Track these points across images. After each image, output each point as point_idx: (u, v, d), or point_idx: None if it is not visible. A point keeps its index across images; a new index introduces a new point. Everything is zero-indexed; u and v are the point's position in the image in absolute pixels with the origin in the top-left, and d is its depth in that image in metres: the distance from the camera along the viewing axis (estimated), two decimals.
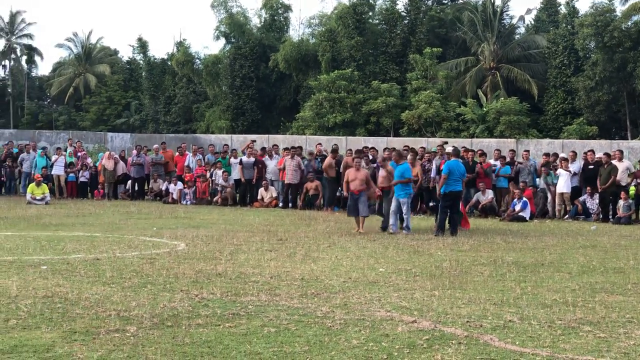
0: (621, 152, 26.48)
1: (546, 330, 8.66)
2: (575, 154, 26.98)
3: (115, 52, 78.83)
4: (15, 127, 63.63)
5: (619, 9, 52.63)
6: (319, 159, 28.48)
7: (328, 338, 8.13)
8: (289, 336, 8.20)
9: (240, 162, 28.81)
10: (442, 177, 19.17)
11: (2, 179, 31.91)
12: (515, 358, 7.51)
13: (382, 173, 20.27)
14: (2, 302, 9.68)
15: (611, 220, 23.88)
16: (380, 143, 40.28)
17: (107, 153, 32.16)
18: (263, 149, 31.43)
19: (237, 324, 8.74)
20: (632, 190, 24.42)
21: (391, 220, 19.18)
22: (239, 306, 9.73)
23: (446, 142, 26.02)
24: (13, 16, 77.56)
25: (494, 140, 43.44)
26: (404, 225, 19.40)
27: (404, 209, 19.25)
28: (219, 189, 29.21)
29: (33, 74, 79.71)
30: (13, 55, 78.42)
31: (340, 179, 24.22)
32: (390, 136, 50.89)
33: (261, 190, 28.37)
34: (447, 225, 19.31)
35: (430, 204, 24.20)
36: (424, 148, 29.12)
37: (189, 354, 7.45)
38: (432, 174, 23.91)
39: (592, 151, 26.46)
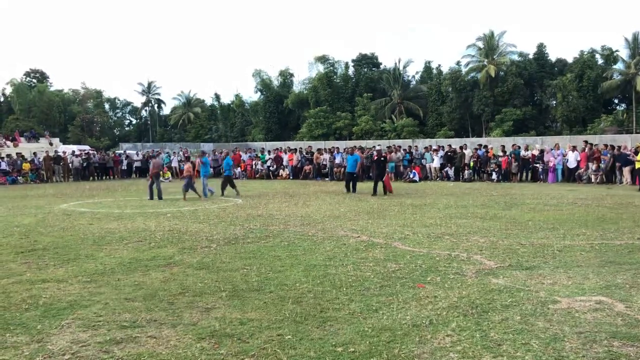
0: (463, 146, 26.14)
1: (426, 239, 8.67)
2: (442, 146, 26.86)
3: (203, 100, 76.10)
4: (153, 142, 64.41)
5: (463, 70, 53.18)
6: (307, 154, 28.07)
7: (314, 246, 8.16)
8: (294, 246, 8.19)
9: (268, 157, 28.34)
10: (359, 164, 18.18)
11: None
12: (409, 254, 7.55)
13: (186, 166, 17.48)
14: (146, 233, 9.66)
15: (460, 180, 23.92)
16: (342, 145, 39.57)
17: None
18: (277, 149, 30.81)
19: (268, 241, 8.71)
20: (472, 164, 24.38)
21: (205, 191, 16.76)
22: (269, 232, 9.62)
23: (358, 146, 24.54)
24: (149, 83, 77.45)
25: (400, 141, 41.81)
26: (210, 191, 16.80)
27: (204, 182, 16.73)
28: (260, 168, 28.29)
29: (161, 114, 79.58)
30: (149, 105, 78.77)
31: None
32: (347, 140, 51.71)
33: (281, 171, 28.06)
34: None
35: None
36: (362, 146, 27.72)
37: (243, 257, 7.46)
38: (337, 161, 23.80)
39: (450, 145, 26.76)
